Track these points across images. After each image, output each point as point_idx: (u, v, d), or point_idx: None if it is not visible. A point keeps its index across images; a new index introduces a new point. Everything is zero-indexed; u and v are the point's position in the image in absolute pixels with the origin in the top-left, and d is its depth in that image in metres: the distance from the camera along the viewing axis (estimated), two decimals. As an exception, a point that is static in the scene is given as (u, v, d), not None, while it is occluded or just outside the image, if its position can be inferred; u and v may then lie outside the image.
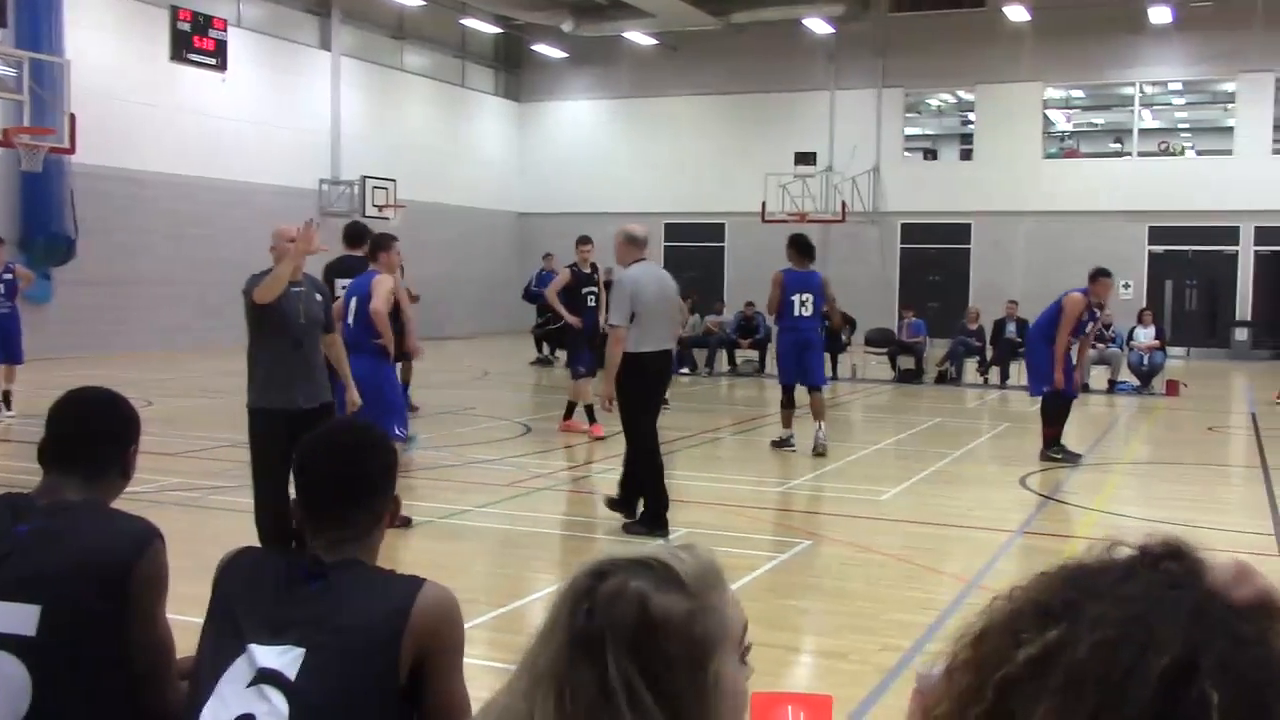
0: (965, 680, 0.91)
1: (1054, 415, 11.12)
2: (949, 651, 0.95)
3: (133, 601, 2.44)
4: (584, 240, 12.93)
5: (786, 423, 11.57)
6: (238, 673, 2.18)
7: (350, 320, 7.89)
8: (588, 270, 12.83)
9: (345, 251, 9.77)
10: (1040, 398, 11.21)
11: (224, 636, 2.23)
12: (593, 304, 12.67)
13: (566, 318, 12.65)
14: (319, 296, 6.64)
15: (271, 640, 2.18)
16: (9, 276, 13.29)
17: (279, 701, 2.13)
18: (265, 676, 2.16)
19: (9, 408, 12.87)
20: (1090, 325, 11.37)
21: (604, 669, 1.30)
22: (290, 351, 6.40)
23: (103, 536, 2.50)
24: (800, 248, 11.52)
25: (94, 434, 2.73)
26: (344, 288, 8.51)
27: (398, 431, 7.86)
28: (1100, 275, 11.30)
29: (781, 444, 11.46)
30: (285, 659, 2.16)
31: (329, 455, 2.42)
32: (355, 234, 9.74)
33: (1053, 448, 11.06)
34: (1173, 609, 0.86)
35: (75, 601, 2.40)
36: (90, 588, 2.42)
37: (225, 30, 22.15)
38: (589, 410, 12.21)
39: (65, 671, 2.36)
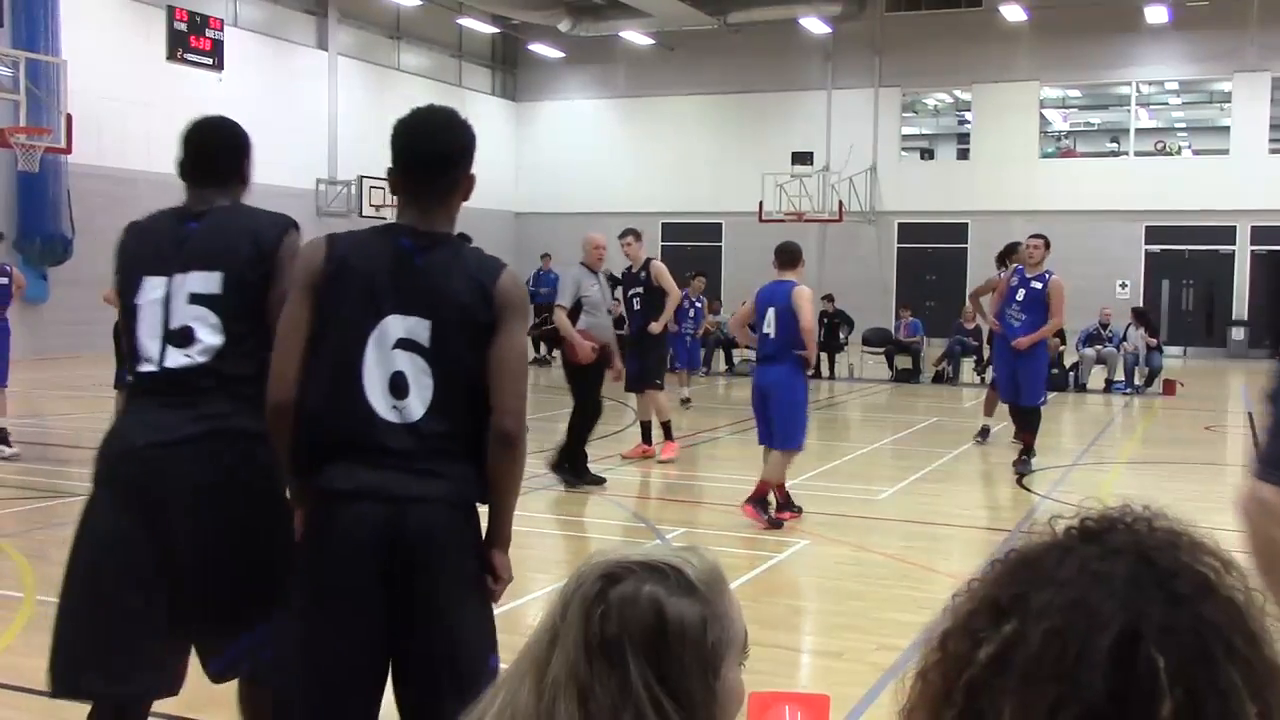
0: (935, 683, 0.92)
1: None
2: (921, 653, 0.96)
3: (276, 269, 3.18)
4: (626, 233, 10.80)
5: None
6: (381, 337, 2.77)
7: None
8: (635, 269, 10.93)
9: None
10: (1037, 406, 10.79)
11: (357, 306, 2.79)
12: (638, 306, 10.93)
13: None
14: None
15: (404, 311, 2.78)
16: (4, 281, 11.10)
17: (420, 361, 2.77)
18: (403, 343, 2.77)
19: (6, 444, 10.47)
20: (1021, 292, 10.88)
21: (625, 673, 1.31)
22: None
23: (256, 223, 3.30)
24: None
25: (219, 150, 3.42)
26: None
27: None
28: (1015, 247, 11.17)
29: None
30: (419, 329, 2.78)
31: (427, 129, 2.96)
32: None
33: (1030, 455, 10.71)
34: (1107, 583, 0.86)
35: (241, 269, 3.19)
36: (250, 259, 3.20)
37: (222, 30, 22.14)
38: (666, 427, 10.98)
39: (241, 318, 3.17)
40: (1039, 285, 10.54)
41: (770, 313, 8.24)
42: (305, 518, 2.83)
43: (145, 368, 3.19)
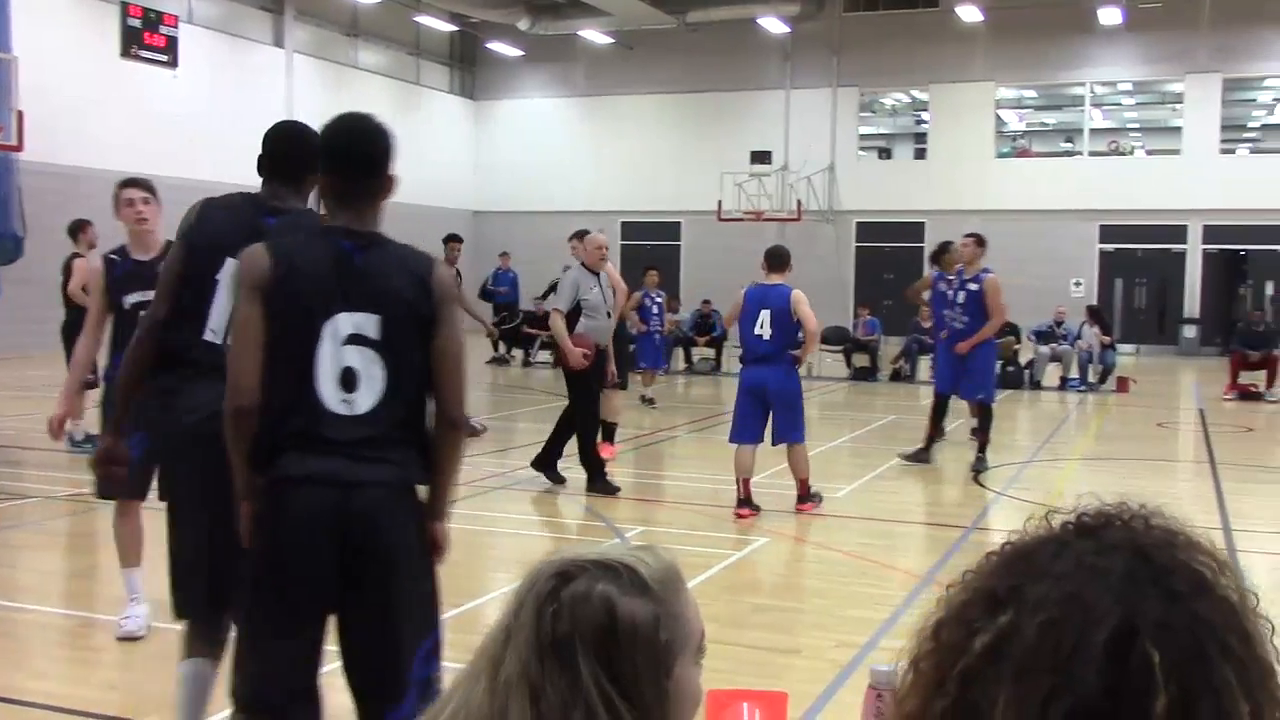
0: (928, 672, 0.92)
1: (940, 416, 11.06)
2: (912, 644, 0.96)
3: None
4: (575, 235, 10.61)
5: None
6: (333, 335, 2.95)
7: None
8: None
9: None
10: (988, 404, 10.82)
11: (307, 308, 2.95)
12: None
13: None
14: None
15: (352, 309, 2.96)
16: None
17: (370, 354, 2.97)
18: (354, 339, 2.96)
19: None
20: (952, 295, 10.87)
21: (576, 672, 1.31)
22: None
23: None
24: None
25: (297, 156, 3.64)
26: None
27: None
28: (947, 246, 11.13)
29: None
30: (368, 324, 2.97)
31: (357, 134, 3.13)
32: None
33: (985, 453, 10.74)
34: (1104, 578, 0.87)
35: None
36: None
37: (176, 26, 21.92)
38: (611, 429, 10.96)
39: None
40: (975, 286, 10.63)
41: (765, 315, 8.30)
42: (258, 503, 2.98)
43: (212, 339, 3.68)
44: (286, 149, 3.75)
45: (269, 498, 2.96)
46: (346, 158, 3.10)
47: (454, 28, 31.49)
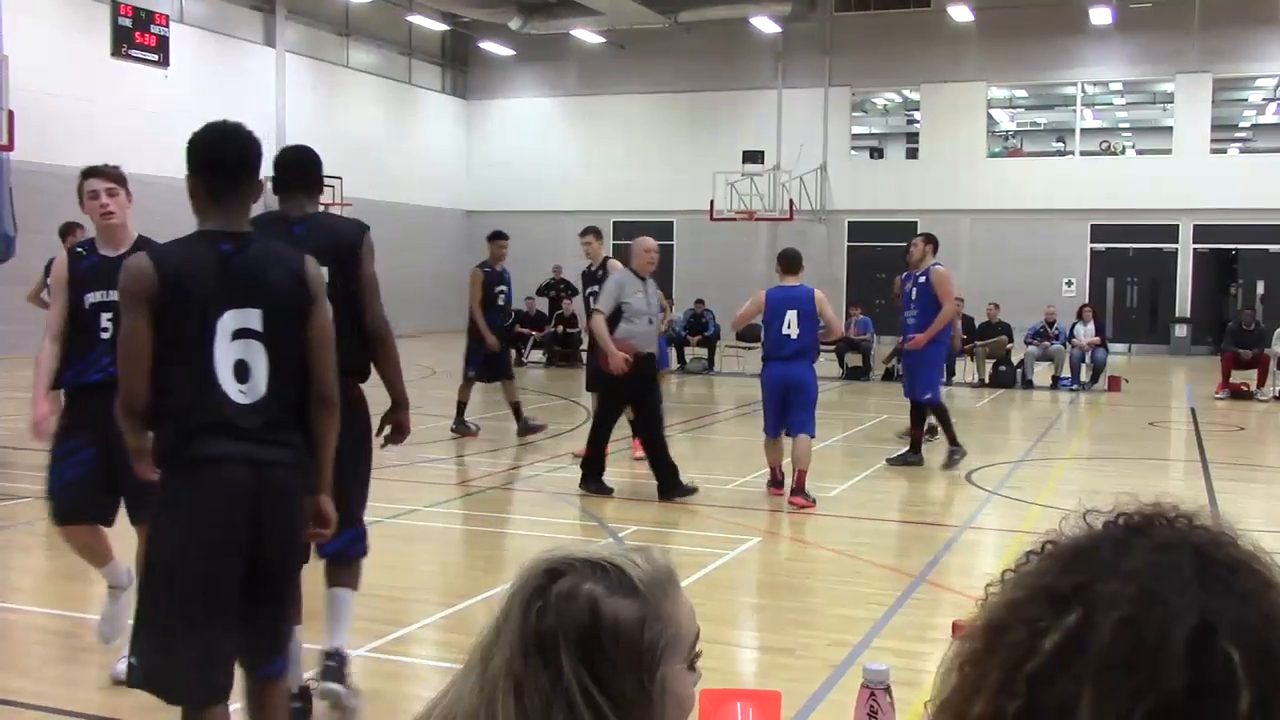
0: (984, 675, 0.90)
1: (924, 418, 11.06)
2: (955, 648, 0.94)
3: (359, 263, 4.48)
4: (586, 232, 11.43)
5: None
6: (223, 332, 3.22)
7: None
8: (594, 268, 11.20)
9: None
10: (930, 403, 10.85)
11: (198, 310, 3.21)
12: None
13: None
14: None
15: (237, 306, 3.24)
16: None
17: (256, 345, 3.27)
18: (241, 333, 3.25)
19: None
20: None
21: (559, 669, 1.31)
22: None
23: (343, 226, 4.68)
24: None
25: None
26: None
27: None
28: (925, 239, 11.22)
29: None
30: (252, 318, 3.27)
31: (230, 141, 3.35)
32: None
33: (919, 451, 10.85)
34: (1178, 575, 0.87)
35: (334, 260, 4.34)
36: (337, 253, 4.41)
37: (167, 26, 21.86)
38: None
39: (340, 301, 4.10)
40: (924, 280, 10.69)
41: (792, 315, 8.88)
42: (177, 480, 3.26)
43: None
44: (303, 167, 4.63)
45: (188, 476, 3.23)
46: (220, 163, 3.33)
47: (446, 27, 31.46)
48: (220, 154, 3.34)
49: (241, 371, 3.26)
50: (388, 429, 4.74)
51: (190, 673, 3.23)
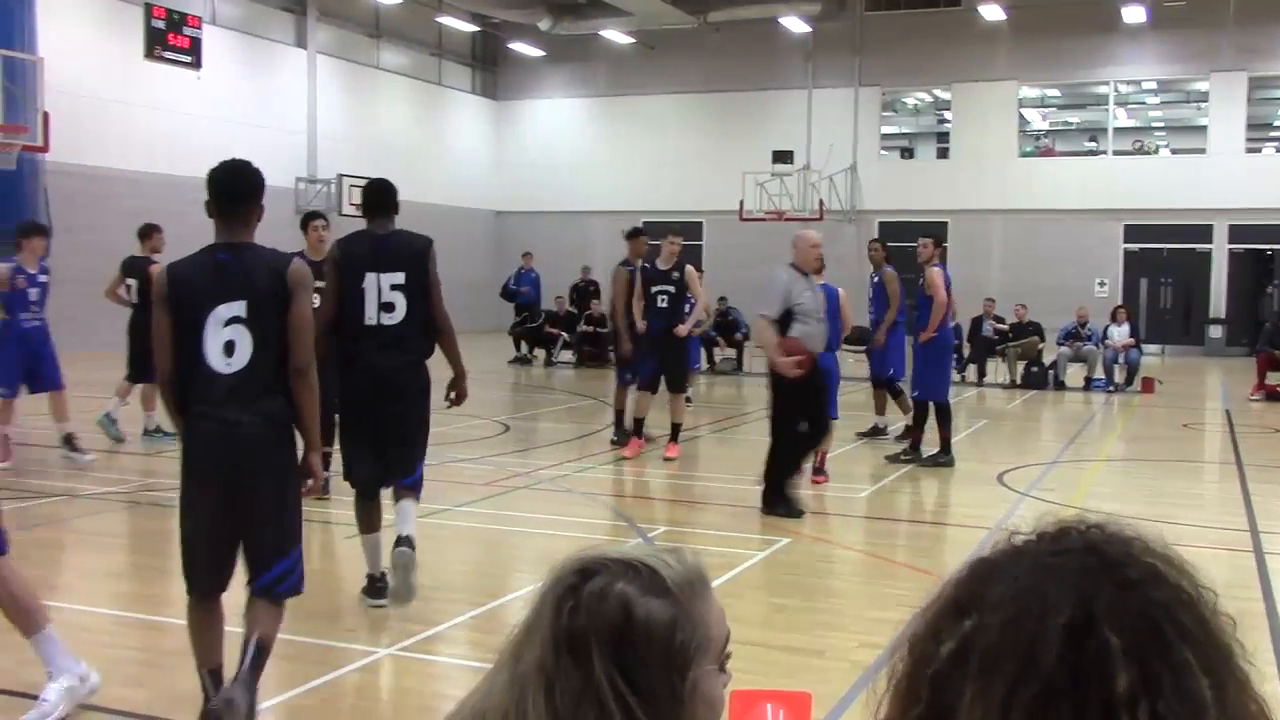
0: (902, 684, 0.96)
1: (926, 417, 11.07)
2: (893, 659, 0.99)
3: (428, 268, 5.92)
4: (669, 234, 11.37)
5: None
6: (216, 320, 4.17)
7: None
8: (668, 268, 11.03)
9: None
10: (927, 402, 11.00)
11: (197, 305, 4.17)
12: (664, 304, 10.93)
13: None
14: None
15: (228, 300, 4.17)
16: (44, 279, 10.71)
17: (242, 329, 4.18)
18: (232, 320, 4.17)
19: (77, 449, 10.18)
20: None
21: (590, 668, 1.31)
22: None
23: (417, 240, 6.00)
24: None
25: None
26: None
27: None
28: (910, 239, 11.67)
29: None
30: (239, 308, 4.18)
31: (233, 175, 4.35)
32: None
33: (949, 451, 10.86)
34: (1060, 572, 0.91)
35: (411, 265, 5.90)
36: (414, 260, 5.90)
37: (200, 28, 22.03)
38: (639, 424, 11.00)
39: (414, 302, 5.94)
40: (922, 280, 11.37)
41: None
42: (186, 432, 4.28)
43: (370, 321, 5.82)
44: (385, 194, 6.06)
45: (188, 428, 4.27)
46: (227, 193, 4.31)
47: (476, 28, 31.55)
48: (228, 186, 4.30)
49: (229, 349, 4.18)
50: (453, 394, 6.13)
51: (196, 571, 4.28)
